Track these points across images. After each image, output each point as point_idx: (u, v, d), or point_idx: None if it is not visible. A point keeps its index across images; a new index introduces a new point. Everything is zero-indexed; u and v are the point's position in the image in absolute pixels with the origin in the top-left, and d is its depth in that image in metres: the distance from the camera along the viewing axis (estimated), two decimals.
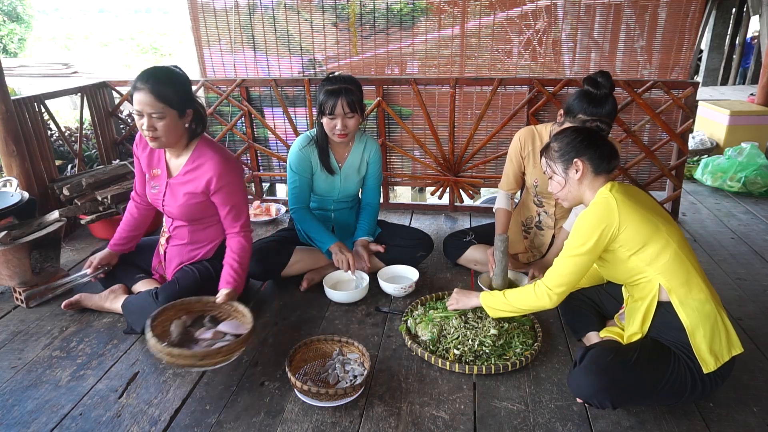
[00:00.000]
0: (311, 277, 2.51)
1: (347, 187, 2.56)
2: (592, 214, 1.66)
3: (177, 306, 1.97)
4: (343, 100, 2.25)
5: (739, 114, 4.79)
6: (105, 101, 3.67)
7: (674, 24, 3.07)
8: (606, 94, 2.08)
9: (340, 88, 2.25)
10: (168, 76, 1.94)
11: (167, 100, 1.92)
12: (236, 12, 3.39)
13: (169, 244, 2.28)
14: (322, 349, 1.98)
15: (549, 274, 1.76)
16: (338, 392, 1.70)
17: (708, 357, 1.58)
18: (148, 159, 2.20)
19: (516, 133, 2.48)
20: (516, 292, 1.85)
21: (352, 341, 1.94)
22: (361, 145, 2.53)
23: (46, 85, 5.60)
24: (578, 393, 1.66)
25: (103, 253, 2.33)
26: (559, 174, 1.79)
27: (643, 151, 3.18)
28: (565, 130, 1.82)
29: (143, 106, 1.91)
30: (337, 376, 1.84)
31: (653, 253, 1.62)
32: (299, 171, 2.46)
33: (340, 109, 2.26)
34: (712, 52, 9.45)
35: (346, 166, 2.52)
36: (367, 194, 2.65)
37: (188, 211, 2.14)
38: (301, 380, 1.80)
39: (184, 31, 20.16)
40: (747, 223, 3.37)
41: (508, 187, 2.56)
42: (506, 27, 3.23)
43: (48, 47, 19.77)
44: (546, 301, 1.76)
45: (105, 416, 1.72)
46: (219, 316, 2.02)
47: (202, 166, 2.07)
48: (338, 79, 2.29)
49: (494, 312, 1.90)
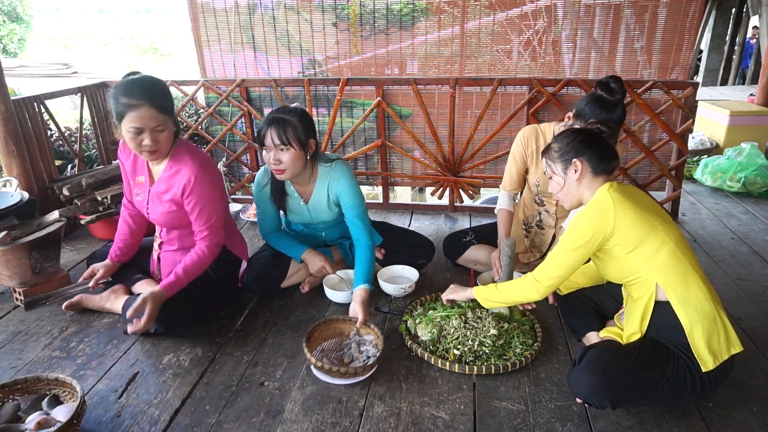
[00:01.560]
0: (312, 279, 2.51)
1: (320, 216, 2.42)
2: (588, 212, 1.69)
3: (10, 386, 1.71)
4: (274, 131, 2.07)
5: (738, 114, 4.80)
6: (105, 101, 3.66)
7: (674, 24, 3.07)
8: (619, 100, 2.07)
9: (273, 117, 2.09)
10: (159, 86, 1.91)
11: (167, 111, 1.90)
12: (236, 12, 3.39)
13: (162, 249, 2.28)
14: (341, 328, 2.09)
15: (540, 267, 1.81)
16: (349, 371, 1.79)
17: (706, 356, 1.58)
18: (132, 166, 2.17)
19: (519, 131, 2.47)
20: (507, 284, 1.92)
21: (368, 323, 2.04)
22: (325, 180, 2.29)
23: (46, 86, 5.60)
24: (578, 393, 1.66)
25: (107, 265, 2.29)
26: (559, 174, 1.80)
27: (643, 151, 3.18)
28: (565, 131, 1.83)
29: (145, 121, 1.86)
30: (351, 355, 1.94)
31: (649, 252, 1.63)
32: (260, 204, 2.40)
33: (270, 140, 2.08)
34: (711, 52, 9.46)
35: (313, 200, 2.35)
36: (355, 233, 2.31)
37: (170, 219, 2.12)
38: (317, 357, 1.88)
39: (184, 31, 20.17)
40: (747, 223, 3.37)
41: (510, 186, 2.54)
42: (506, 27, 3.23)
43: (48, 47, 19.77)
44: (533, 294, 1.82)
45: (105, 416, 1.72)
46: (64, 396, 1.74)
47: (179, 172, 2.03)
48: (280, 107, 2.15)
49: (486, 303, 1.96)
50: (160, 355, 2.03)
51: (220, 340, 2.13)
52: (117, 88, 1.88)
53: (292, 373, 1.92)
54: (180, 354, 2.03)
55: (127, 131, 1.88)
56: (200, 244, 2.09)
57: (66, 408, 1.63)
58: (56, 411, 1.62)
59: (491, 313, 2.09)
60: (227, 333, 2.18)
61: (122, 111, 1.85)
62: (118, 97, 1.86)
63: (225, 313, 2.31)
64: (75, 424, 1.56)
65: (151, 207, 2.14)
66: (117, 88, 1.88)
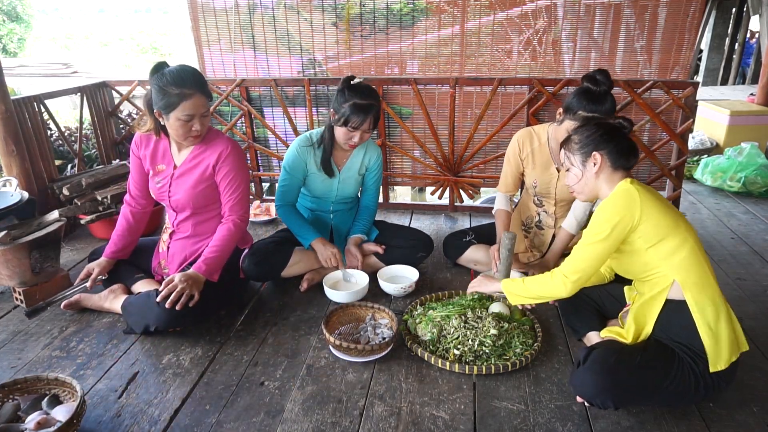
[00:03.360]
0: (311, 277, 2.51)
1: (345, 189, 2.56)
2: (612, 203, 1.66)
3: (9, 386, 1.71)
4: (371, 119, 2.26)
5: (739, 114, 4.79)
6: (105, 101, 3.66)
7: (674, 24, 3.06)
8: (605, 91, 2.09)
9: (370, 104, 2.24)
10: (198, 73, 2.03)
11: (210, 96, 2.04)
12: (236, 12, 3.39)
13: (173, 239, 2.29)
14: (357, 313, 2.21)
15: (566, 261, 1.76)
16: (366, 349, 1.89)
17: (717, 356, 1.58)
18: (152, 156, 2.22)
19: (514, 135, 2.48)
20: (534, 279, 1.85)
21: (383, 308, 2.16)
22: (362, 149, 2.53)
23: (46, 85, 5.60)
24: (581, 393, 1.66)
25: (101, 263, 2.31)
26: (577, 166, 1.78)
27: (643, 151, 3.18)
28: (587, 123, 1.83)
29: (198, 108, 1.99)
30: (368, 337, 2.04)
31: (671, 248, 1.62)
32: (292, 171, 2.46)
33: (367, 125, 2.27)
34: (712, 52, 9.44)
35: (345, 169, 2.52)
36: (365, 197, 2.65)
37: (195, 197, 2.17)
38: (335, 337, 1.96)
39: (184, 31, 20.14)
40: (747, 223, 3.37)
41: (506, 189, 2.56)
42: (506, 27, 3.23)
43: (48, 47, 19.74)
44: (561, 289, 1.75)
45: (105, 416, 1.72)
46: (63, 396, 1.73)
47: (210, 148, 2.14)
48: (367, 93, 2.26)
49: (514, 298, 1.90)
50: (160, 355, 2.03)
51: (220, 339, 2.13)
52: (164, 80, 1.94)
53: (292, 372, 1.92)
54: (180, 354, 2.03)
55: (178, 119, 1.99)
56: (228, 219, 2.20)
57: (66, 408, 1.63)
58: (56, 411, 1.62)
59: (491, 312, 2.09)
60: (227, 333, 2.18)
61: (175, 101, 1.95)
62: (168, 89, 1.94)
63: (225, 313, 2.31)
64: (75, 423, 1.56)
65: (174, 189, 2.19)
66: (164, 80, 1.94)
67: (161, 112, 2.01)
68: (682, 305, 1.63)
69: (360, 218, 2.64)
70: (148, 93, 2.06)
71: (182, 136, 2.05)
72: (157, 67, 2.00)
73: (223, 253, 2.15)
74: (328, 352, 2.03)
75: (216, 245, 2.14)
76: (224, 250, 2.16)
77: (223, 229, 2.18)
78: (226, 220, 2.20)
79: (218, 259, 2.13)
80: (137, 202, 2.35)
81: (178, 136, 2.07)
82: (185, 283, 2.02)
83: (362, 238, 2.59)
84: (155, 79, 1.97)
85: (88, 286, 2.27)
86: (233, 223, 2.18)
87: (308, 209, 2.66)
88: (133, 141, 2.26)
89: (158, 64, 2.02)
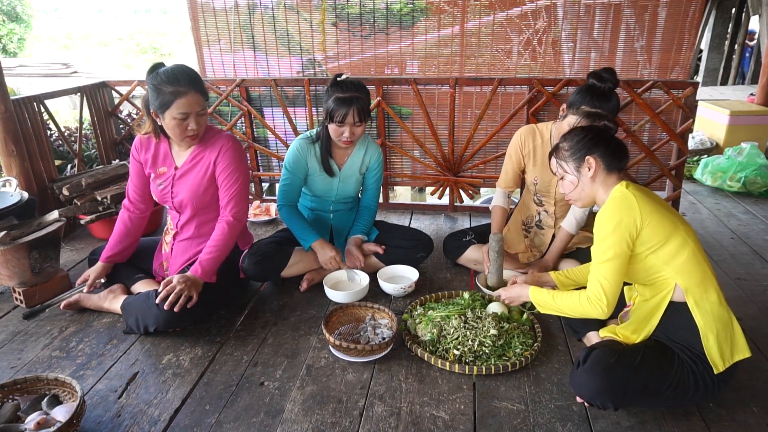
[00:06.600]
0: (311, 277, 2.51)
1: (345, 189, 2.56)
2: (610, 213, 1.62)
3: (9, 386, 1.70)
4: (354, 110, 2.24)
5: (738, 114, 4.79)
6: (104, 101, 3.66)
7: (674, 24, 3.06)
8: (610, 89, 2.09)
9: (351, 96, 2.23)
10: (196, 72, 2.02)
11: (206, 95, 2.03)
12: (236, 12, 3.39)
13: (176, 240, 2.29)
14: (357, 313, 2.20)
15: (591, 285, 1.68)
16: (366, 349, 1.89)
17: (718, 358, 1.58)
18: (153, 159, 2.22)
19: (516, 131, 2.48)
20: (564, 297, 1.77)
21: (383, 308, 2.15)
22: (363, 149, 2.52)
23: (46, 85, 5.60)
24: (581, 393, 1.66)
25: (98, 268, 2.31)
26: (571, 173, 1.76)
27: (643, 151, 3.18)
28: (572, 130, 1.82)
29: (193, 106, 1.97)
30: (367, 338, 2.04)
31: (671, 252, 1.61)
32: (293, 170, 2.46)
33: (351, 118, 2.25)
34: (711, 52, 9.44)
35: (346, 168, 2.52)
36: (366, 197, 2.65)
37: (197, 196, 2.17)
38: (335, 338, 1.96)
39: (183, 31, 20.16)
40: (747, 223, 3.37)
41: (506, 185, 2.56)
42: (506, 27, 3.23)
43: (47, 47, 19.74)
44: (599, 313, 1.67)
45: (105, 416, 1.72)
46: (63, 395, 1.73)
47: (210, 146, 2.15)
48: (349, 86, 2.26)
49: (540, 307, 1.85)
50: (159, 355, 2.03)
51: (220, 339, 2.13)
52: (158, 79, 1.94)
53: (292, 373, 1.92)
54: (180, 354, 2.03)
55: (173, 118, 1.97)
56: (223, 218, 2.18)
57: (66, 408, 1.62)
58: (56, 411, 1.62)
59: (491, 313, 2.09)
60: (227, 333, 2.18)
61: (170, 99, 1.94)
62: (162, 87, 1.93)
63: (225, 313, 2.31)
64: (75, 424, 1.56)
65: (176, 189, 2.19)
66: (158, 79, 1.94)
67: (157, 112, 2.00)
68: (682, 307, 1.62)
69: (360, 218, 2.63)
70: (146, 94, 2.06)
71: (179, 135, 2.04)
72: (153, 68, 2.01)
73: (219, 255, 2.13)
74: (328, 352, 2.03)
75: (211, 247, 2.13)
76: (220, 252, 2.14)
77: (218, 230, 2.16)
78: (222, 219, 2.18)
79: (214, 261, 2.12)
80: (136, 207, 2.34)
81: (174, 136, 2.06)
82: (183, 284, 2.01)
83: (363, 238, 2.59)
84: (150, 78, 1.97)
85: (85, 291, 2.28)
86: (227, 221, 2.16)
87: (308, 209, 2.66)
88: (133, 145, 2.25)
89: (154, 65, 2.02)
